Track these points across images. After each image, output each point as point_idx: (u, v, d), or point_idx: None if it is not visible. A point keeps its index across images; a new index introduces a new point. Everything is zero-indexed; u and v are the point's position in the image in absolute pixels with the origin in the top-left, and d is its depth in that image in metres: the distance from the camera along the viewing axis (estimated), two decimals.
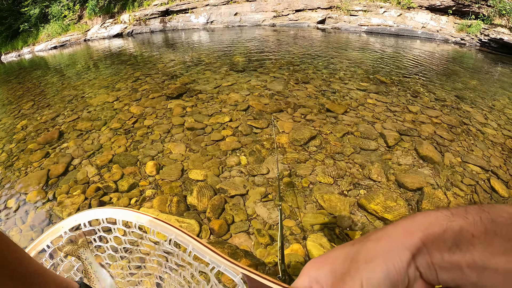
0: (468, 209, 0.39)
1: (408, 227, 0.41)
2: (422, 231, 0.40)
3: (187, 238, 0.80)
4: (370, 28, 14.01)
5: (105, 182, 3.85)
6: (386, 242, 0.42)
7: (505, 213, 0.37)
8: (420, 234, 0.40)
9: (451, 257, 0.38)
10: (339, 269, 0.44)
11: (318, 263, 0.48)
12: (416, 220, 0.42)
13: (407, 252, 0.39)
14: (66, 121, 5.65)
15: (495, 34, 11.28)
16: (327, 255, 0.48)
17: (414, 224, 0.41)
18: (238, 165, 4.08)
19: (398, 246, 0.40)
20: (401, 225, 0.43)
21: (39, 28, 16.06)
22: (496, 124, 5.29)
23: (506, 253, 0.35)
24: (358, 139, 4.60)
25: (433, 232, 0.39)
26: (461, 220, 0.38)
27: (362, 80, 7.04)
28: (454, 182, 3.82)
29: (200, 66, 8.51)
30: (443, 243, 0.38)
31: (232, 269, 0.68)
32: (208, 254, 0.75)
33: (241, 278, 0.66)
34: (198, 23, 16.21)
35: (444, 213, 0.40)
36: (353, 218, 3.23)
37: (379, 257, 0.40)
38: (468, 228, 0.37)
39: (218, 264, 0.73)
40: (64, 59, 12.21)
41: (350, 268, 0.42)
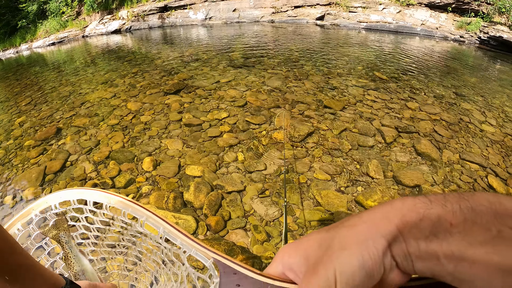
0: (447, 197, 0.38)
1: (386, 213, 0.39)
2: (399, 218, 0.38)
3: (158, 221, 0.79)
4: (369, 25, 13.98)
5: (102, 178, 3.84)
6: (362, 229, 0.39)
7: (485, 201, 0.35)
8: (396, 221, 0.38)
9: (428, 246, 0.36)
10: (312, 256, 0.42)
11: (292, 249, 0.46)
12: (394, 206, 0.39)
13: (383, 240, 0.37)
14: (63, 117, 5.63)
15: (494, 31, 11.26)
16: (301, 241, 0.45)
17: (391, 210, 0.39)
18: (235, 161, 4.07)
19: (374, 234, 0.38)
20: (379, 211, 0.40)
21: (37, 25, 16.00)
22: (495, 121, 5.28)
23: (485, 243, 0.33)
24: (356, 136, 4.58)
25: (410, 220, 0.37)
26: (439, 208, 0.36)
27: (360, 76, 7.02)
28: (452, 179, 3.81)
29: (198, 62, 8.49)
30: (420, 231, 0.36)
31: (204, 253, 0.67)
32: (179, 237, 0.74)
33: (212, 262, 0.65)
34: (197, 19, 16.16)
35: (422, 200, 0.38)
36: (350, 214, 3.21)
37: (354, 244, 0.38)
38: (446, 217, 0.36)
39: (189, 248, 0.71)
40: (62, 56, 12.18)
41: (324, 256, 0.40)
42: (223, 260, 0.61)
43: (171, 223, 0.77)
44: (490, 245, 0.33)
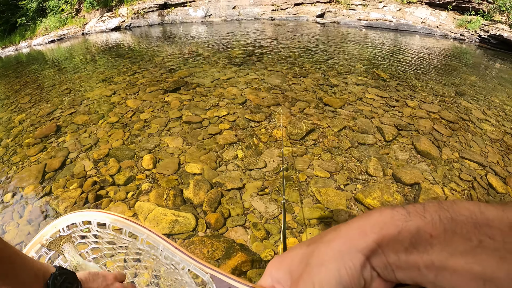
0: (427, 207, 0.38)
1: (362, 227, 0.40)
2: (376, 233, 0.38)
3: (157, 239, 0.83)
4: (369, 23, 13.97)
5: (102, 176, 3.84)
6: (338, 245, 0.40)
7: (466, 211, 0.36)
8: (374, 236, 0.38)
9: (408, 258, 0.36)
10: (295, 271, 0.44)
11: (278, 263, 0.48)
12: (371, 219, 0.40)
13: (360, 255, 0.38)
14: (63, 115, 5.62)
15: (494, 30, 11.27)
16: (286, 255, 0.47)
17: (368, 224, 0.40)
18: (235, 158, 4.07)
19: (350, 249, 0.39)
20: (355, 225, 0.41)
21: (36, 22, 15.96)
22: (495, 120, 5.29)
23: (465, 253, 0.34)
24: (355, 134, 4.59)
25: (387, 234, 0.37)
26: (418, 220, 0.37)
27: (360, 74, 7.02)
28: (452, 177, 3.82)
29: (198, 59, 8.48)
30: (399, 244, 0.37)
31: (201, 269, 0.72)
32: (178, 254, 0.78)
33: (210, 277, 0.69)
34: (197, 16, 16.14)
35: (400, 212, 0.38)
36: (349, 212, 3.22)
37: (330, 260, 0.39)
38: (425, 228, 0.36)
39: (188, 264, 0.76)
40: (61, 53, 12.15)
41: (304, 272, 0.41)
42: (219, 276, 0.65)
43: (169, 241, 0.82)
44: (470, 255, 0.33)
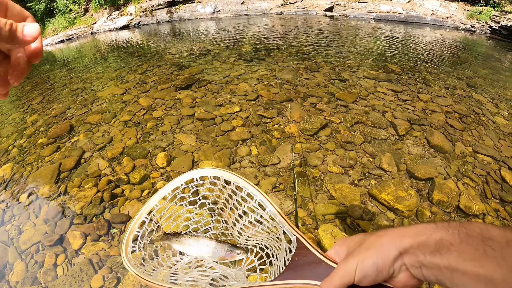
0: (451, 223, 0.52)
1: (402, 232, 0.55)
2: (411, 237, 0.53)
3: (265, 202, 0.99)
4: (379, 15, 13.84)
5: (117, 175, 3.88)
6: (383, 239, 0.57)
7: (478, 229, 0.48)
8: (409, 239, 0.53)
9: (432, 259, 0.50)
10: (350, 248, 0.62)
11: (342, 242, 0.67)
12: (410, 228, 0.56)
13: (395, 250, 0.54)
14: (76, 114, 5.68)
15: (506, 21, 11.09)
16: (349, 238, 0.66)
17: (407, 231, 0.55)
18: (249, 155, 4.09)
19: (390, 244, 0.55)
20: (398, 230, 0.57)
21: (45, 23, 16.07)
22: (508, 113, 5.23)
23: (474, 259, 0.46)
24: (368, 128, 4.57)
25: (419, 239, 0.52)
26: (443, 232, 0.51)
27: (371, 68, 6.97)
28: (465, 172, 3.80)
29: (208, 56, 8.50)
30: (426, 248, 0.51)
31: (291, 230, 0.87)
32: (279, 216, 0.93)
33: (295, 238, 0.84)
34: (205, 12, 16.13)
35: (431, 226, 0.53)
36: (364, 208, 3.23)
37: (374, 248, 0.56)
38: (447, 238, 0.50)
39: (283, 225, 0.91)
40: (71, 53, 12.25)
41: (355, 250, 0.59)
42: (301, 238, 0.81)
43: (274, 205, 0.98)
44: (477, 261, 0.45)
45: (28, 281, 2.72)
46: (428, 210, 3.21)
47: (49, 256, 2.92)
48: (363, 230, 2.99)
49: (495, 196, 3.46)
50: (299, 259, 0.78)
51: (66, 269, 2.79)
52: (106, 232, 3.12)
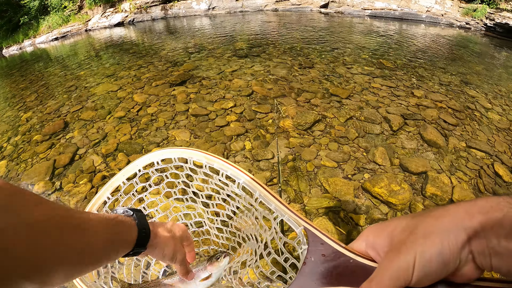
0: None
1: (470, 209, 0.41)
2: (483, 215, 0.40)
3: (254, 185, 0.82)
4: (373, 12, 13.87)
5: (111, 170, 3.88)
6: (445, 221, 0.42)
7: None
8: (480, 217, 0.40)
9: (509, 244, 0.37)
10: (397, 238, 0.46)
11: (377, 230, 0.51)
12: (478, 203, 0.42)
13: (464, 233, 0.40)
14: (70, 111, 5.66)
15: (500, 18, 11.13)
16: (387, 224, 0.50)
17: (475, 207, 0.41)
18: (243, 150, 4.09)
19: (456, 226, 0.41)
20: (463, 206, 0.43)
21: (39, 20, 15.99)
22: (501, 109, 5.26)
23: None
24: (362, 123, 4.59)
25: (493, 217, 0.39)
26: None
27: (366, 64, 7.00)
28: (458, 166, 3.82)
29: (203, 52, 8.48)
30: (501, 229, 0.38)
31: (295, 220, 0.70)
32: (274, 202, 0.77)
33: (302, 230, 0.68)
34: (200, 9, 16.11)
35: (505, 200, 0.40)
36: (357, 201, 3.24)
37: (436, 234, 0.42)
38: None
39: (282, 214, 0.75)
40: (65, 50, 12.18)
41: (407, 240, 0.44)
42: (313, 230, 0.64)
43: (267, 188, 0.81)
44: None
45: None
46: (421, 204, 3.23)
47: None
48: (356, 223, 3.00)
49: (489, 190, 3.48)
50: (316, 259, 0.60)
51: None
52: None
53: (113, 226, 0.65)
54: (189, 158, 0.96)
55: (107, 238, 0.62)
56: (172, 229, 0.84)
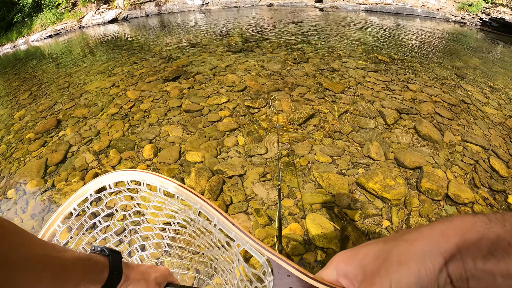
0: (506, 216, 0.38)
1: (445, 230, 0.40)
2: (458, 236, 0.38)
3: (212, 211, 0.79)
4: (368, 7, 13.83)
5: (104, 167, 3.84)
6: (420, 245, 0.40)
7: None
8: (456, 239, 0.38)
9: (485, 265, 0.36)
10: (369, 266, 0.44)
11: (348, 257, 0.48)
12: (453, 223, 0.40)
13: (440, 257, 0.38)
14: (63, 109, 5.60)
15: (496, 13, 11.11)
16: (358, 250, 0.47)
17: (451, 227, 0.40)
18: (236, 145, 4.06)
19: (432, 250, 0.39)
20: (438, 228, 0.41)
21: (33, 18, 15.84)
22: (497, 103, 5.25)
23: None
24: (356, 118, 4.56)
25: (469, 238, 0.37)
26: (498, 228, 0.37)
27: (361, 59, 6.97)
28: (454, 161, 3.80)
29: (197, 48, 8.43)
30: (478, 250, 0.36)
31: (258, 250, 0.66)
32: (234, 230, 0.73)
33: (266, 260, 0.64)
34: (194, 5, 16.01)
35: (481, 219, 0.38)
36: (352, 197, 3.21)
37: (411, 260, 0.39)
38: (505, 236, 0.36)
39: (243, 242, 0.71)
40: (59, 48, 12.08)
41: (381, 268, 0.42)
42: (278, 260, 0.60)
43: (226, 215, 0.77)
44: None
45: None
46: (417, 199, 3.21)
47: None
48: (351, 219, 2.97)
49: (484, 185, 3.46)
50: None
51: None
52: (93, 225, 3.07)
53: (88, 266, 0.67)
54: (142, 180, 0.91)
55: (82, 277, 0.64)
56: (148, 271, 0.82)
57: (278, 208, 2.09)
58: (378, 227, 2.91)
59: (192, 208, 0.84)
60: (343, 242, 2.74)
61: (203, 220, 0.87)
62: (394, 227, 2.92)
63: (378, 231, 2.85)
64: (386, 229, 2.89)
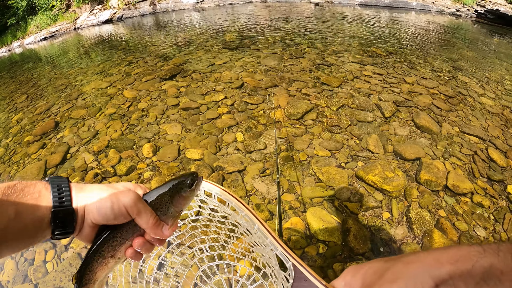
0: (501, 246, 0.41)
1: (439, 257, 0.43)
2: (452, 264, 0.41)
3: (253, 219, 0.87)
4: (364, 1, 13.82)
5: (103, 167, 3.83)
6: (414, 267, 0.45)
7: None
8: (448, 266, 0.41)
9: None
10: (368, 280, 0.50)
11: (354, 270, 0.55)
12: (449, 252, 0.43)
13: (431, 281, 0.41)
14: (60, 110, 5.59)
15: (491, 5, 11.13)
16: (363, 266, 0.54)
17: (445, 255, 0.43)
18: (235, 142, 4.06)
19: (423, 273, 0.43)
20: (433, 254, 0.45)
21: (27, 21, 15.75)
22: (494, 94, 5.27)
23: None
24: (354, 111, 4.57)
25: (462, 267, 0.40)
26: (492, 257, 0.40)
27: (357, 52, 6.97)
28: (452, 152, 3.82)
29: (193, 46, 8.42)
30: (470, 278, 0.39)
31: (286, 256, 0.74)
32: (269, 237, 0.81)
33: (291, 265, 0.72)
34: (189, 3, 15.96)
35: (476, 249, 0.41)
36: (351, 190, 3.23)
37: (402, 279, 0.44)
38: (497, 265, 0.39)
39: (276, 248, 0.79)
40: (55, 50, 12.03)
41: (376, 283, 0.47)
42: (299, 266, 0.68)
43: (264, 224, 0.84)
44: None
45: (19, 279, 2.69)
46: (416, 190, 3.22)
47: (39, 253, 2.88)
48: (351, 212, 2.98)
49: (483, 175, 3.48)
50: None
51: (56, 265, 2.76)
52: None
53: None
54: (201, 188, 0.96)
55: None
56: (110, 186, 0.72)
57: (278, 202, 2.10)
58: (378, 219, 2.92)
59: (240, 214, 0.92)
60: (344, 235, 2.75)
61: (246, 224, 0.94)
62: (394, 218, 2.93)
63: (378, 223, 2.87)
64: (386, 221, 2.90)
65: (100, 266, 0.70)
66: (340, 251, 2.62)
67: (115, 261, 0.72)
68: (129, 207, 0.65)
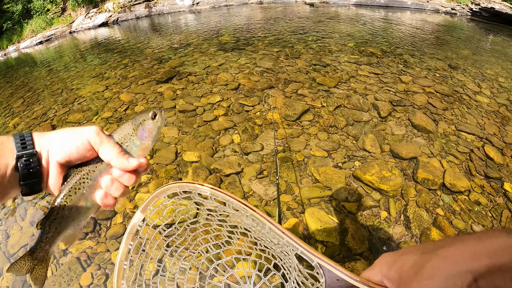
0: None
1: (474, 250, 0.43)
2: (490, 258, 0.41)
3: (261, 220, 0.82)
4: (359, 1, 13.87)
5: None
6: (451, 262, 0.44)
7: None
8: (487, 260, 0.41)
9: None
10: (404, 274, 0.49)
11: (390, 261, 0.54)
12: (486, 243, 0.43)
13: (470, 276, 0.41)
14: (57, 114, 5.57)
15: (486, 3, 11.19)
16: (399, 256, 0.53)
17: (481, 248, 0.43)
18: (232, 143, 4.06)
19: (462, 268, 0.42)
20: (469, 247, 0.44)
21: (22, 25, 15.71)
22: (490, 92, 5.29)
23: None
24: (350, 111, 4.58)
25: (501, 260, 0.40)
26: None
27: (352, 53, 6.99)
28: (449, 150, 3.83)
29: (188, 48, 8.41)
30: (509, 271, 0.39)
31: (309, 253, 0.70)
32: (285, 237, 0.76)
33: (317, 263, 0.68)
34: (184, 5, 15.98)
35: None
36: (349, 190, 3.23)
37: (441, 276, 0.43)
38: None
39: (295, 248, 0.74)
40: (50, 54, 12.01)
41: (414, 279, 0.47)
42: (327, 266, 0.65)
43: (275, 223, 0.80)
44: None
45: (18, 285, 2.67)
46: (413, 189, 3.23)
47: None
48: (349, 212, 2.99)
49: (480, 173, 3.49)
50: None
51: (55, 269, 2.75)
52: (92, 230, 3.07)
53: None
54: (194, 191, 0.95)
55: None
56: None
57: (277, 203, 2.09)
58: (376, 218, 2.92)
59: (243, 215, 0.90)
60: (342, 235, 2.75)
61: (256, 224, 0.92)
62: (392, 218, 2.94)
63: (376, 223, 2.87)
64: (384, 220, 2.91)
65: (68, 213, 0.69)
66: (338, 251, 2.63)
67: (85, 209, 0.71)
68: (91, 137, 0.66)
